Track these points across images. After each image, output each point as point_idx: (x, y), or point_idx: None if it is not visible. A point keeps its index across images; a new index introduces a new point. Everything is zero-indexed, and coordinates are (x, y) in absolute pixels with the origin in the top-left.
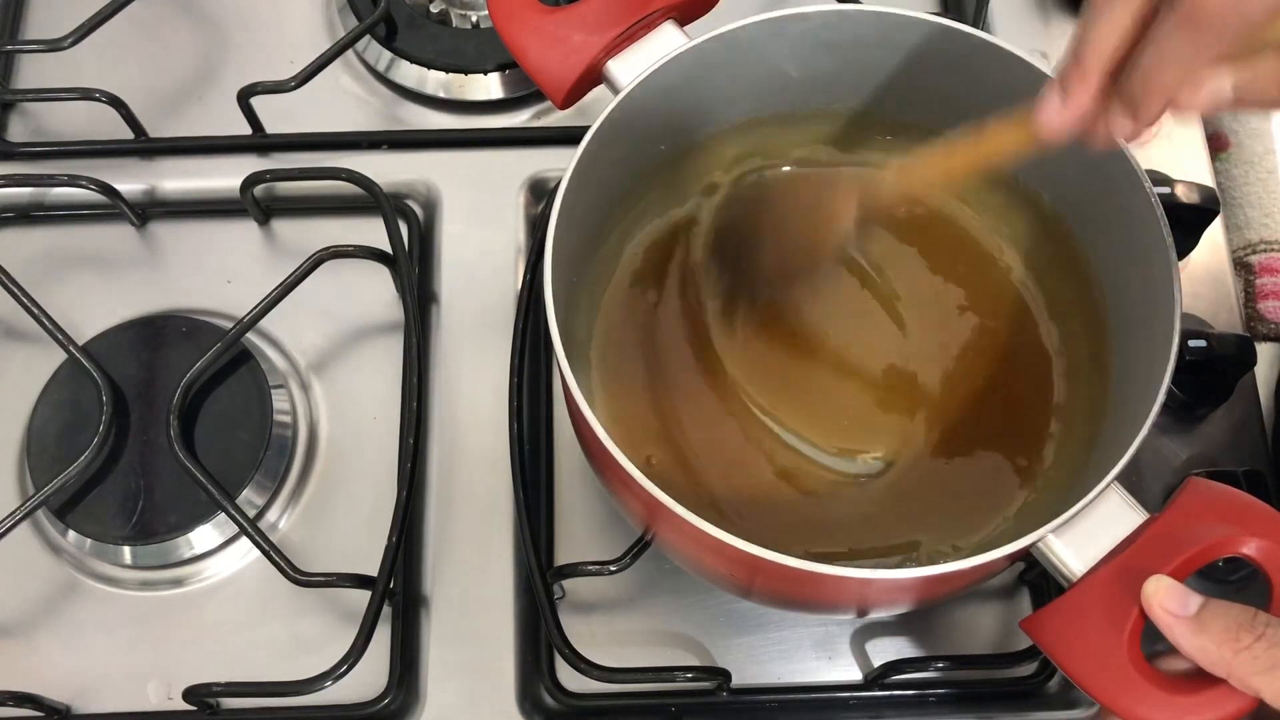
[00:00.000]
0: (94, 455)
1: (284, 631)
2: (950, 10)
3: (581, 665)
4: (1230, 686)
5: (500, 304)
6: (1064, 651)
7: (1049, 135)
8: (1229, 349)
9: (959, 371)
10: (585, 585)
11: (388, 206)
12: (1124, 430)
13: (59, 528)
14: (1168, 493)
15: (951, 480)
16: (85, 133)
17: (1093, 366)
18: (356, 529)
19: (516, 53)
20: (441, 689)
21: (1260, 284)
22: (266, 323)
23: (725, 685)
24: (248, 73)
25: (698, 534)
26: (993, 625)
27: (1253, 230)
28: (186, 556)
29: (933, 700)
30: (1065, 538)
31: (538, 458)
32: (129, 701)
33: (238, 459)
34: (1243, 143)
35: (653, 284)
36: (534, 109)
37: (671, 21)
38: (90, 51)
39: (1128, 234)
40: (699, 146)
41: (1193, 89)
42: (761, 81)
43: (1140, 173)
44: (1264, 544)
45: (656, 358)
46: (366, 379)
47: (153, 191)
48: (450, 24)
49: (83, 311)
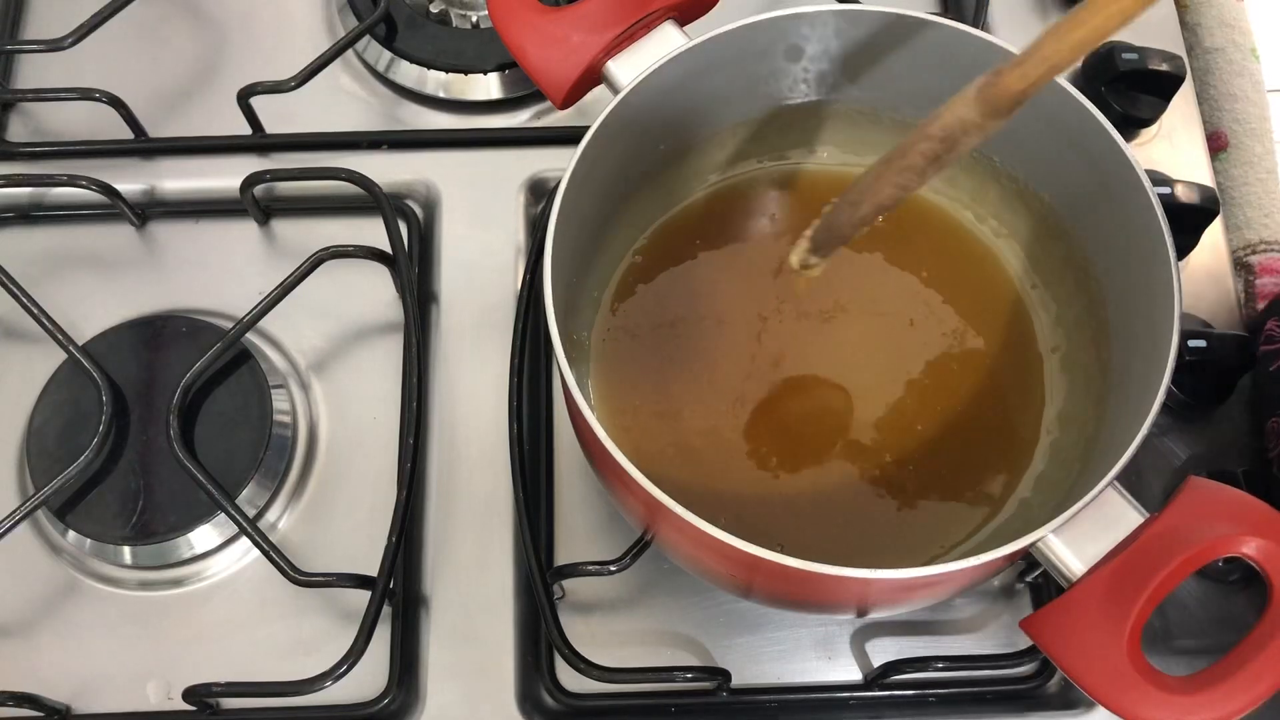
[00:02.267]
0: (94, 455)
1: (284, 631)
2: (950, 10)
3: (581, 665)
4: (1230, 686)
5: (500, 304)
6: (1064, 651)
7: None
8: (1229, 349)
9: (958, 370)
10: (585, 585)
11: (387, 206)
12: (1124, 430)
13: (59, 528)
14: (1168, 493)
15: (952, 479)
16: (85, 133)
17: (1092, 367)
18: (356, 529)
19: (516, 53)
20: (441, 689)
21: (1260, 284)
22: (266, 323)
23: (725, 685)
24: (248, 73)
25: (698, 534)
26: (993, 625)
27: (1253, 230)
28: (186, 556)
29: (933, 700)
30: (1065, 538)
31: (538, 458)
32: (129, 701)
33: (237, 459)
34: (1243, 143)
35: (652, 284)
36: (534, 109)
37: (671, 21)
38: (90, 51)
39: (1128, 234)
40: (699, 146)
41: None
42: (761, 81)
43: (1140, 173)
44: (1264, 544)
45: (656, 358)
46: (366, 379)
47: (153, 191)
48: (450, 24)
49: (83, 311)
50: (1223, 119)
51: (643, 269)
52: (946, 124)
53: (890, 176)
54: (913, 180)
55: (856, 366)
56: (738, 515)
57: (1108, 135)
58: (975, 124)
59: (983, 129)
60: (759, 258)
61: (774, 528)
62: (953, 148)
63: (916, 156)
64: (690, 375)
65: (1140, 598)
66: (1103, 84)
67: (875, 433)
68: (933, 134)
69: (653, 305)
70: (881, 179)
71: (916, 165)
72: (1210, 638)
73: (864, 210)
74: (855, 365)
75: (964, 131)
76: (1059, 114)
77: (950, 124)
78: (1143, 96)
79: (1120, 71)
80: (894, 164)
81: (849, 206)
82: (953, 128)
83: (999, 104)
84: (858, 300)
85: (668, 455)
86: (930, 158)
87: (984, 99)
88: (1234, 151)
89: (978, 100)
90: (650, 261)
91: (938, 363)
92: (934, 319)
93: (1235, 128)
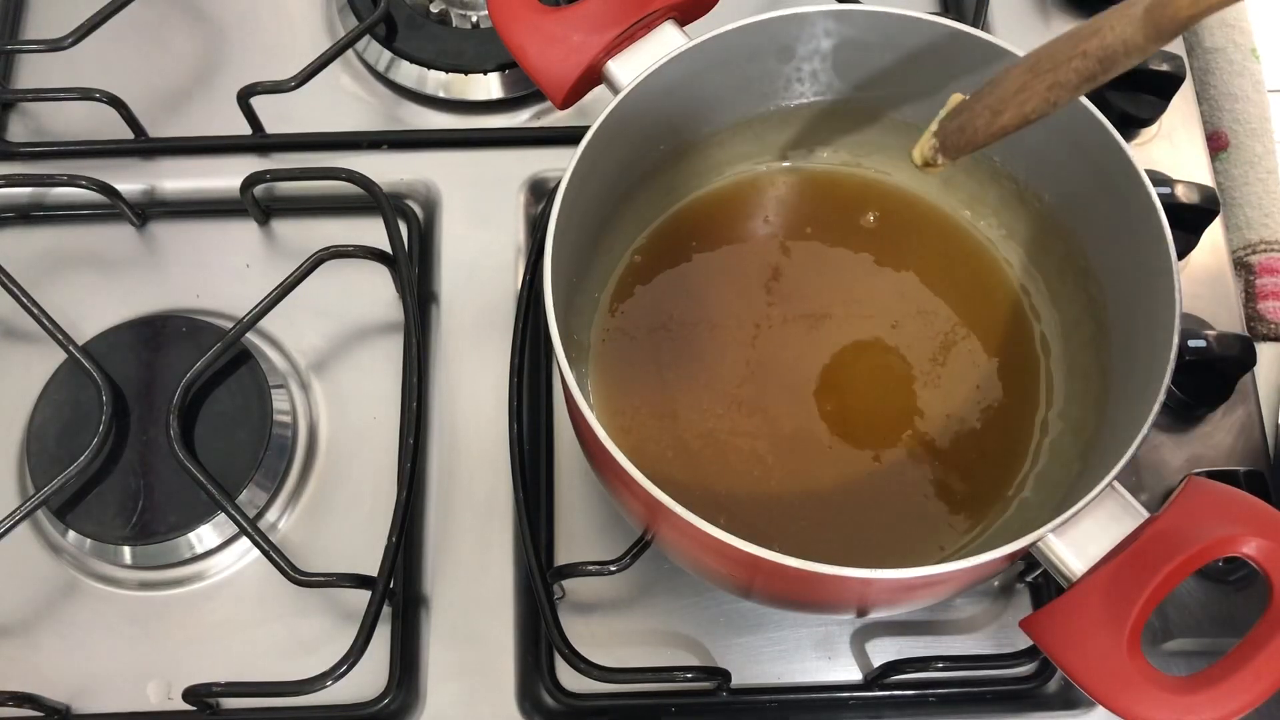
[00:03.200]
0: (94, 455)
1: (284, 631)
2: (950, 10)
3: (581, 665)
4: (1230, 686)
5: (500, 304)
6: (1064, 651)
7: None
8: (1229, 349)
9: (957, 370)
10: (585, 585)
11: (388, 206)
12: (1124, 430)
13: (59, 528)
14: (1168, 493)
15: (951, 478)
16: (85, 133)
17: (1092, 367)
18: (356, 529)
19: (516, 53)
20: (441, 689)
21: (1260, 284)
22: (266, 323)
23: (725, 685)
24: (248, 73)
25: (698, 534)
26: (993, 625)
27: (1253, 230)
28: (186, 556)
29: (933, 700)
30: (1065, 538)
31: (538, 458)
32: (129, 701)
33: (238, 459)
34: (1243, 143)
35: (652, 284)
36: (534, 109)
37: (671, 21)
38: (90, 51)
39: (1128, 234)
40: (699, 146)
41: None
42: (761, 81)
43: (1140, 173)
44: (1264, 544)
45: (656, 358)
46: (366, 379)
47: (152, 191)
48: (450, 24)
49: (83, 311)
50: (1223, 119)
51: (642, 269)
52: (1108, 43)
53: (1039, 89)
54: (1064, 96)
55: (857, 367)
56: (738, 515)
57: (1108, 135)
58: (1138, 45)
59: (1144, 51)
60: (758, 258)
61: (774, 527)
62: (1110, 68)
63: (1070, 73)
64: (690, 375)
65: (1140, 598)
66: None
67: (875, 433)
68: (1091, 51)
69: (652, 305)
70: (1028, 89)
71: (1070, 82)
72: (1210, 638)
73: (1006, 119)
74: (855, 365)
75: (1125, 53)
76: (1059, 114)
77: (1112, 43)
78: (1143, 96)
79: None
80: (1044, 76)
81: (989, 112)
82: (1114, 48)
83: (1167, 26)
84: (857, 300)
85: (668, 455)
86: (1086, 76)
87: (1152, 20)
88: (1234, 151)
89: (1145, 21)
90: (650, 261)
91: (937, 363)
92: (933, 319)
93: (1235, 128)
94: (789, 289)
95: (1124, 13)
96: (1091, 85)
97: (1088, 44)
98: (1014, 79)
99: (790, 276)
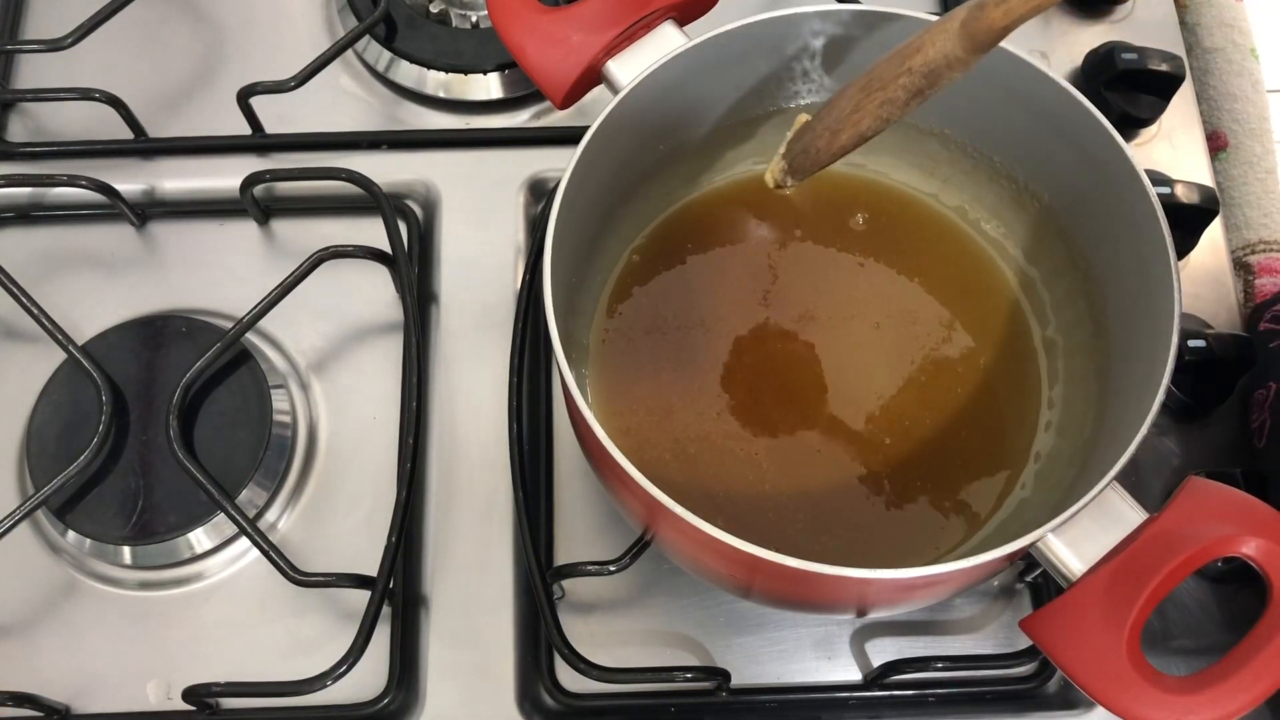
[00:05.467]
0: (94, 455)
1: (284, 631)
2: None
3: (581, 665)
4: (1230, 686)
5: (500, 304)
6: (1064, 651)
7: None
8: (1229, 349)
9: (957, 371)
10: (585, 585)
11: (387, 206)
12: (1124, 430)
13: (59, 528)
14: (1168, 493)
15: (951, 478)
16: (85, 133)
17: (1092, 367)
18: (356, 529)
19: (516, 53)
20: (441, 689)
21: (1260, 284)
22: (266, 323)
23: (725, 685)
24: (248, 73)
25: (698, 534)
26: (993, 625)
27: (1252, 230)
28: (186, 556)
29: (932, 700)
30: (1065, 537)
31: (538, 458)
32: (129, 701)
33: (237, 459)
34: (1242, 143)
35: (652, 284)
36: (534, 109)
37: (671, 21)
38: (90, 51)
39: (1128, 234)
40: (698, 146)
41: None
42: (761, 81)
43: (1140, 173)
44: (1264, 544)
45: (656, 358)
46: (366, 379)
47: (152, 191)
48: (450, 24)
49: (82, 311)
50: (1222, 119)
51: (642, 269)
52: (930, 58)
53: (871, 108)
54: (895, 112)
55: (856, 366)
56: (737, 515)
57: (1108, 135)
58: (959, 58)
59: (966, 64)
60: (757, 259)
61: (774, 527)
62: (935, 82)
63: (899, 90)
64: (689, 375)
65: (1140, 598)
66: (1102, 84)
67: (874, 433)
68: (916, 68)
69: (651, 307)
70: (862, 109)
71: (899, 99)
72: (1210, 638)
73: (844, 139)
74: (855, 365)
75: (948, 66)
76: (1059, 114)
77: (934, 58)
78: (1142, 96)
79: (1120, 71)
80: (874, 94)
81: (828, 133)
82: (937, 62)
83: (983, 38)
84: (856, 301)
85: (668, 455)
86: (913, 91)
87: (968, 33)
88: (1234, 151)
89: (962, 34)
90: (648, 262)
91: (936, 363)
92: (932, 320)
93: (1235, 128)
94: (787, 290)
95: (942, 28)
96: (920, 100)
97: (912, 61)
98: (848, 99)
99: (789, 277)
